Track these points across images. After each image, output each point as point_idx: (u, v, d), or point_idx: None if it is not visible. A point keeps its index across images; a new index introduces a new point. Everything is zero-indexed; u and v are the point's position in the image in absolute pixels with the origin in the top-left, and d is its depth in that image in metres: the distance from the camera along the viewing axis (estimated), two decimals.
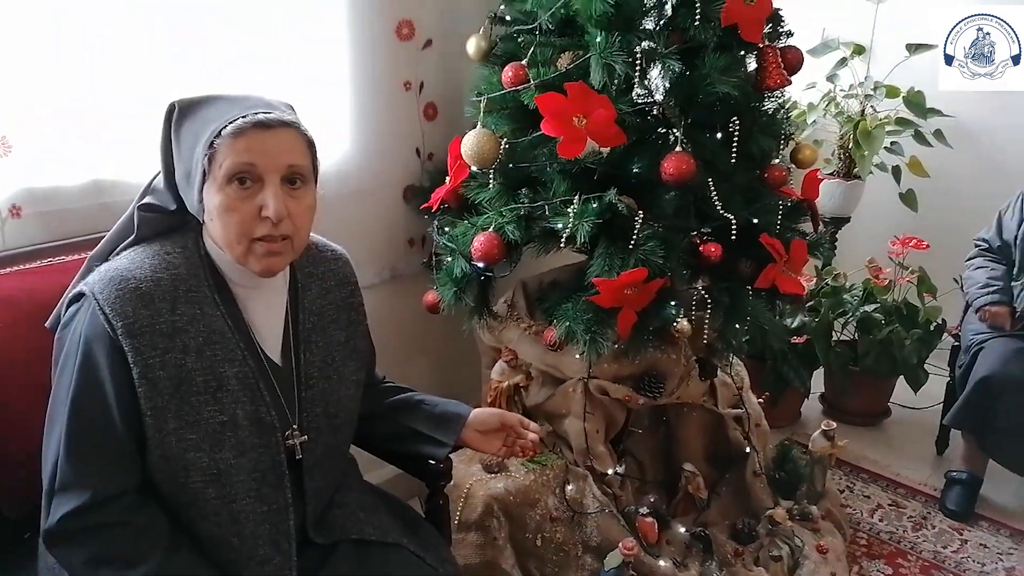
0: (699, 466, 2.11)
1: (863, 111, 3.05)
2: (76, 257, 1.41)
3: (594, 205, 1.54)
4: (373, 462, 1.45)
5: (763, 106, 1.70)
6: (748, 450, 2.13)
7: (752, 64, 1.67)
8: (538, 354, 1.86)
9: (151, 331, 1.03)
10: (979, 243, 2.51)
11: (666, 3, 1.57)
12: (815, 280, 2.78)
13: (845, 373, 2.72)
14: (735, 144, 1.63)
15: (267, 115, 1.04)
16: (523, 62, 1.62)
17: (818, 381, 2.91)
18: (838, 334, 2.75)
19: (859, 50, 3.17)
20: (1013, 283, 2.35)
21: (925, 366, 2.69)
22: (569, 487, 1.82)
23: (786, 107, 1.74)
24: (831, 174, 3.15)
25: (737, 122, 1.62)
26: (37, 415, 1.09)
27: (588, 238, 1.52)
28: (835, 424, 2.25)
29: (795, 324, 2.61)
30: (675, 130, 1.56)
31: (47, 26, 1.38)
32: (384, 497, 1.39)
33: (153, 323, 1.03)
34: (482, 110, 1.66)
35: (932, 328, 2.70)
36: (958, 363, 2.47)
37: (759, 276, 1.66)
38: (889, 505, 2.44)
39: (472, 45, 1.81)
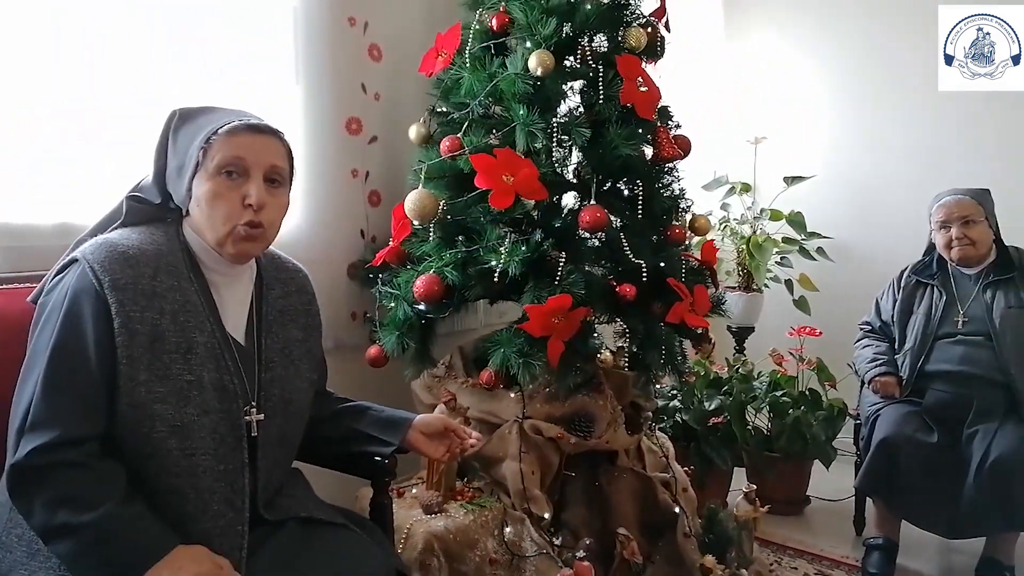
0: (633, 533, 2.17)
1: (754, 231, 3.48)
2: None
3: (523, 247, 1.76)
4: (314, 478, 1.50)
5: (662, 176, 2.01)
6: (677, 511, 2.22)
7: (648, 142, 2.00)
8: (475, 403, 1.97)
9: (134, 289, 1.14)
10: (863, 326, 2.83)
11: (575, 86, 1.90)
12: (726, 369, 3.02)
13: (763, 458, 2.89)
14: (640, 203, 1.91)
15: (258, 121, 1.25)
16: (458, 135, 1.90)
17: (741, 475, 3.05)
18: (752, 420, 2.95)
19: (745, 188, 3.68)
20: (896, 356, 2.64)
21: (835, 448, 2.90)
22: (507, 530, 1.86)
23: (680, 180, 2.06)
24: (732, 287, 3.51)
25: (640, 184, 1.91)
26: None
27: (518, 273, 1.72)
28: (756, 486, 2.38)
29: (713, 406, 2.80)
30: (591, 187, 1.83)
31: (33, 75, 1.55)
32: (329, 504, 1.44)
33: (136, 282, 1.14)
34: (423, 178, 1.90)
35: (836, 412, 2.94)
36: (860, 436, 2.68)
37: (669, 313, 1.88)
38: (816, 574, 2.52)
39: (414, 132, 2.09)
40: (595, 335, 1.79)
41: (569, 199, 2.05)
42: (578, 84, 2.00)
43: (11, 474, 1.06)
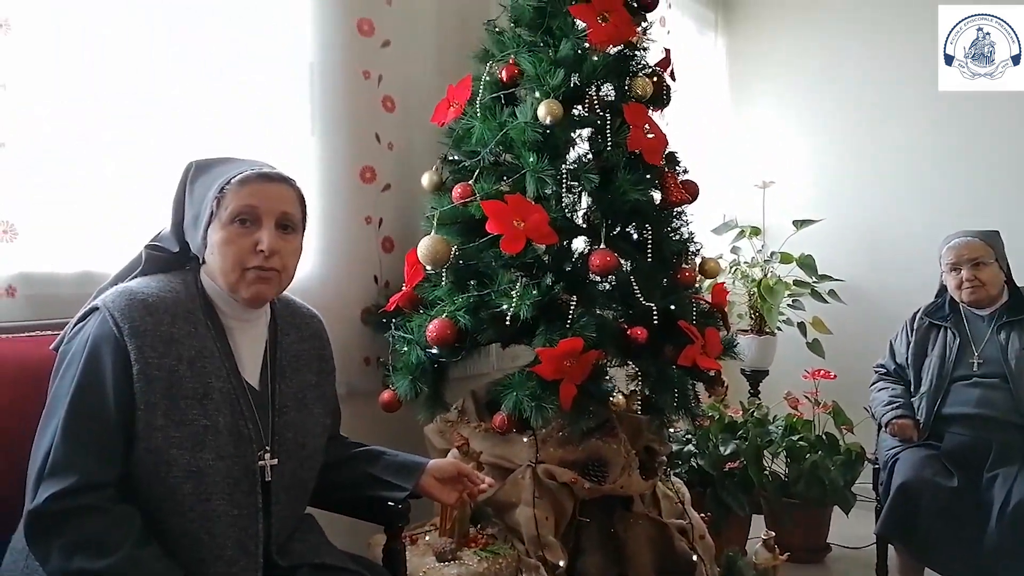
0: None
1: (765, 274, 3.49)
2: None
3: (534, 291, 1.78)
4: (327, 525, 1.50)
5: (671, 220, 2.03)
6: (695, 558, 2.18)
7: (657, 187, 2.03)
8: (488, 447, 1.97)
9: (152, 335, 1.17)
10: (878, 369, 2.81)
11: (584, 134, 1.95)
12: (741, 412, 3.00)
13: (781, 504, 2.84)
14: (650, 247, 1.93)
15: (270, 170, 1.29)
16: (469, 182, 1.94)
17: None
18: (769, 464, 2.91)
19: (755, 231, 3.70)
20: (913, 399, 2.62)
21: (854, 494, 2.85)
22: None
23: (688, 223, 2.08)
24: (745, 330, 3.50)
25: (649, 228, 1.94)
26: (3, 466, 1.20)
27: (530, 316, 1.73)
28: (774, 533, 2.34)
29: (728, 451, 2.77)
30: (600, 232, 1.86)
31: (58, 129, 1.61)
32: (342, 551, 1.43)
33: (155, 329, 1.17)
34: (435, 224, 1.94)
35: (854, 457, 2.90)
36: (880, 481, 2.64)
37: (680, 356, 1.88)
38: None
39: (426, 179, 2.14)
40: (607, 378, 1.80)
41: (579, 243, 2.08)
42: (586, 132, 2.05)
43: (29, 520, 1.07)
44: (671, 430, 2.18)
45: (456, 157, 2.13)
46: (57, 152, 1.62)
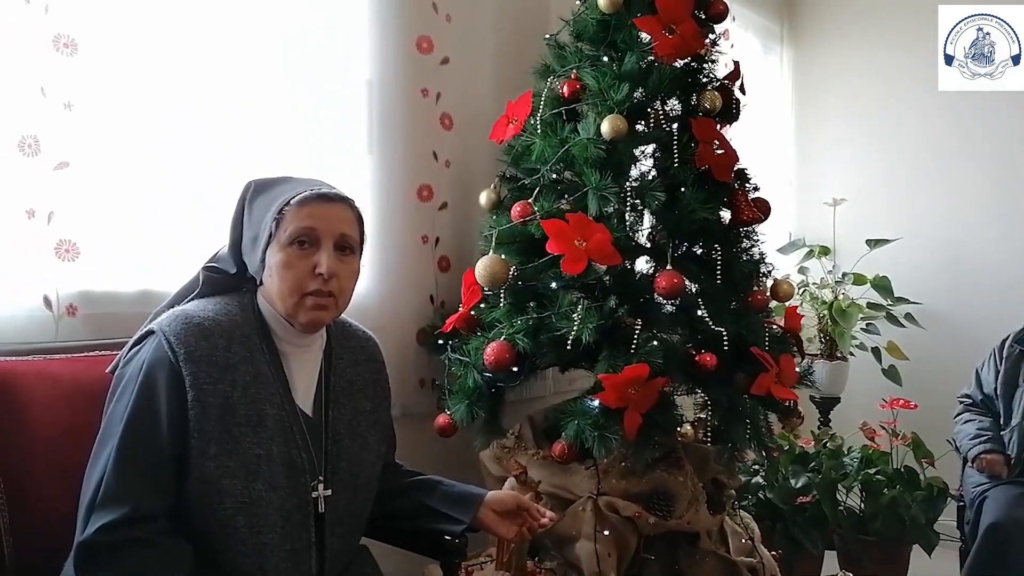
0: None
1: (835, 296, 3.32)
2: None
3: (597, 314, 1.70)
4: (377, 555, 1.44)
5: (740, 240, 1.93)
6: None
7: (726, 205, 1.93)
8: (546, 476, 1.88)
9: (208, 361, 1.13)
10: (963, 399, 2.63)
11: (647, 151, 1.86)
12: (812, 443, 2.84)
13: (857, 542, 2.67)
14: (719, 268, 1.83)
15: (329, 190, 1.25)
16: (529, 200, 1.88)
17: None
18: (844, 499, 2.74)
19: (824, 251, 3.54)
20: (1002, 432, 2.43)
21: (937, 533, 2.66)
22: None
23: (760, 243, 1.97)
24: (814, 355, 3.33)
25: (718, 248, 1.84)
26: (58, 490, 1.20)
27: (592, 340, 1.65)
28: (852, 574, 2.19)
29: (800, 484, 2.62)
30: (666, 252, 1.77)
31: (114, 145, 1.60)
32: None
33: (210, 354, 1.14)
34: (493, 243, 1.88)
35: (935, 493, 2.71)
36: (965, 520, 2.46)
37: (753, 385, 1.77)
38: None
39: (484, 197, 2.09)
40: (675, 407, 1.70)
41: (640, 264, 1.99)
42: (649, 148, 1.96)
43: (78, 552, 1.04)
44: (739, 462, 2.06)
45: (515, 175, 2.07)
46: (119, 171, 1.62)
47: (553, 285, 1.80)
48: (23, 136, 1.47)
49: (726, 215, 1.92)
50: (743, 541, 2.14)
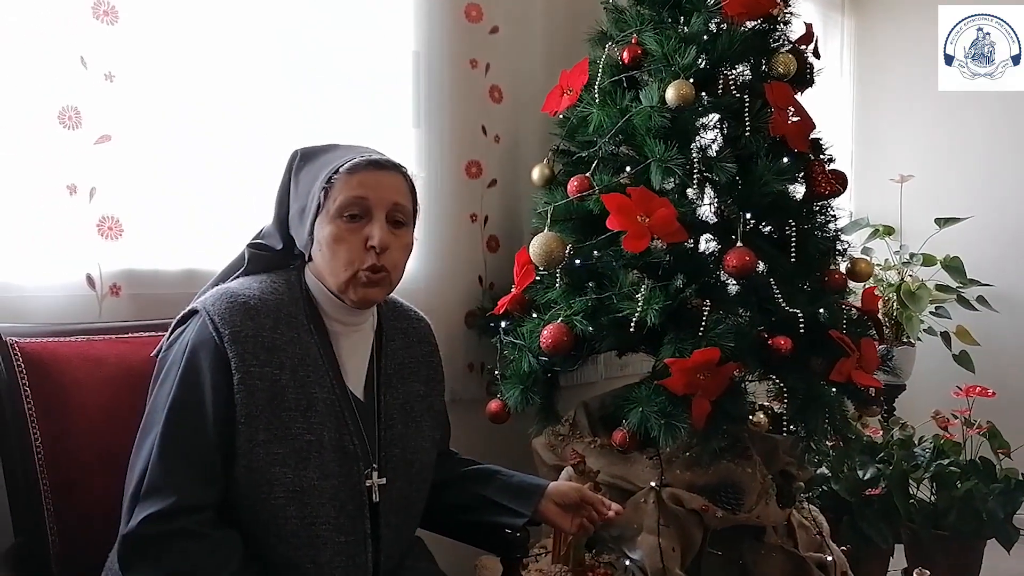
0: None
1: (902, 278, 3.15)
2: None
3: (662, 295, 1.58)
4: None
5: (815, 216, 1.80)
6: None
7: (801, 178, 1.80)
8: (605, 465, 1.78)
9: (254, 342, 1.06)
10: None
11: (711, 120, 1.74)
12: (880, 433, 2.69)
13: (930, 536, 2.52)
14: (793, 245, 1.70)
15: (381, 156, 1.16)
16: (586, 175, 1.76)
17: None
18: (915, 491, 2.60)
19: (887, 231, 3.36)
20: None
21: (1016, 528, 2.50)
22: None
23: (836, 219, 1.84)
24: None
25: (793, 225, 1.71)
26: (101, 479, 1.16)
27: (657, 323, 1.54)
28: (928, 572, 2.04)
29: (868, 475, 2.48)
30: (736, 228, 1.65)
31: (157, 124, 1.54)
32: None
33: (257, 335, 1.06)
34: (548, 221, 1.78)
35: (1013, 485, 2.55)
36: None
37: (832, 371, 1.64)
38: None
39: (537, 173, 1.98)
40: (746, 394, 1.58)
41: (704, 241, 1.87)
42: (714, 118, 1.84)
43: (123, 544, 0.98)
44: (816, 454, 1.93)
45: (569, 148, 1.96)
46: (162, 145, 1.55)
47: (613, 264, 1.68)
48: (63, 108, 1.42)
49: (800, 189, 1.79)
50: (812, 535, 2.02)
